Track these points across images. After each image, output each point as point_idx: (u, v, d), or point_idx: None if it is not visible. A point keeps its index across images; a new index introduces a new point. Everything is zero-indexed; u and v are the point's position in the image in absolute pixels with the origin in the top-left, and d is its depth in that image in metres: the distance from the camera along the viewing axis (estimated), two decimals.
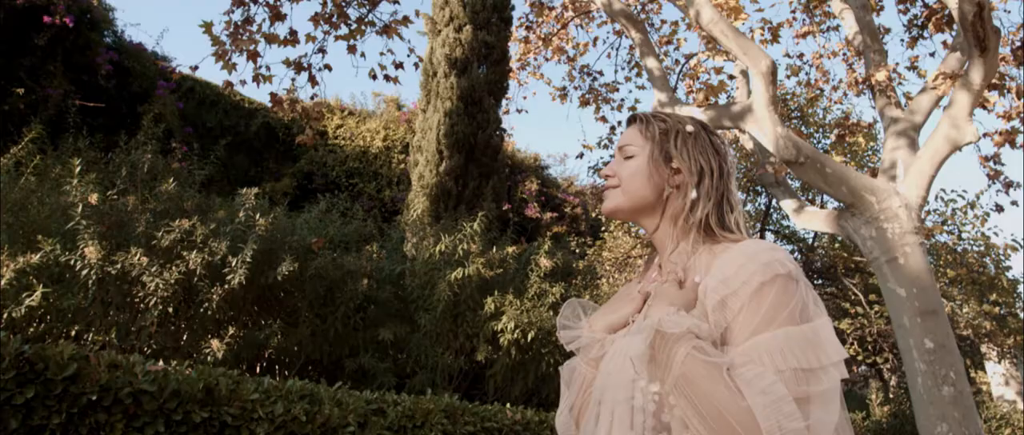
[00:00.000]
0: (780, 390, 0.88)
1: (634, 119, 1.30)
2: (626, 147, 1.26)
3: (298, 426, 2.97)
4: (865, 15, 6.74)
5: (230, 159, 9.88)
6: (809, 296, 0.99)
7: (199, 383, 2.73)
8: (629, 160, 1.24)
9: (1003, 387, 11.59)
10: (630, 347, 1.05)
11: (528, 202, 10.58)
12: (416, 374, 4.91)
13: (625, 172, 1.23)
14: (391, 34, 6.42)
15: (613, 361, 1.10)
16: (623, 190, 1.22)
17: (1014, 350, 9.76)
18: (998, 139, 7.41)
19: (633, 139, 1.25)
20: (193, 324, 4.23)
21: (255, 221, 4.32)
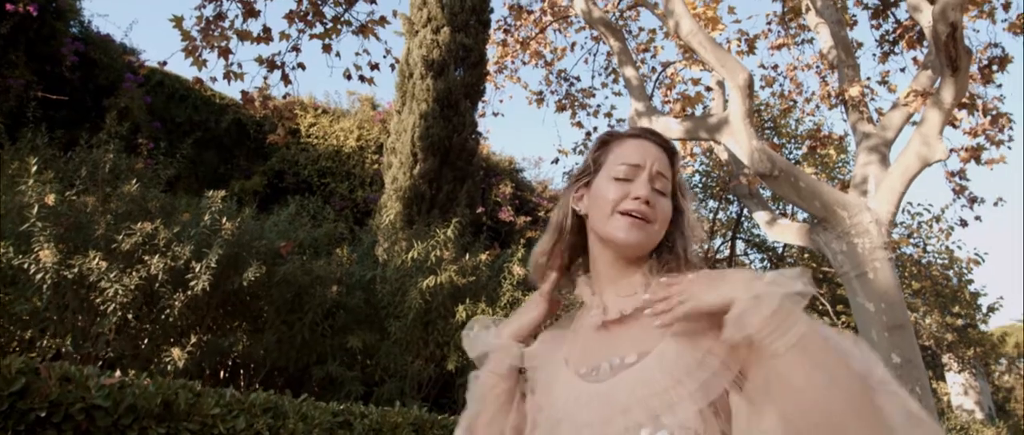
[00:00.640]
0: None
1: (673, 153, 1.18)
2: (660, 178, 1.13)
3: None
4: (840, 30, 6.83)
5: (199, 156, 9.65)
6: None
7: (157, 397, 2.62)
8: (662, 196, 1.12)
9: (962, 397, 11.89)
10: (624, 392, 0.95)
11: (502, 205, 10.54)
12: (385, 382, 4.82)
13: (662, 210, 1.11)
14: (367, 34, 6.31)
15: (589, 407, 0.98)
16: (657, 230, 1.11)
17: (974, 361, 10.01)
18: (964, 155, 7.56)
19: (667, 172, 1.14)
20: (153, 331, 4.09)
21: (221, 224, 4.19)
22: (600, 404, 0.97)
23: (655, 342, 1.00)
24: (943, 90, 4.98)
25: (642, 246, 1.09)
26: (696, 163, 10.41)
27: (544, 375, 1.11)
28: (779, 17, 8.90)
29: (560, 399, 1.03)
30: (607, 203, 1.10)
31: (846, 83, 6.31)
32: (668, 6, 5.45)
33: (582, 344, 1.10)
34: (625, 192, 1.09)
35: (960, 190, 7.90)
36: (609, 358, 1.02)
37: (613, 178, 1.11)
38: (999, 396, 15.31)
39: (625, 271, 1.12)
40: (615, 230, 1.08)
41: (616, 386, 0.97)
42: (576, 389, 1.02)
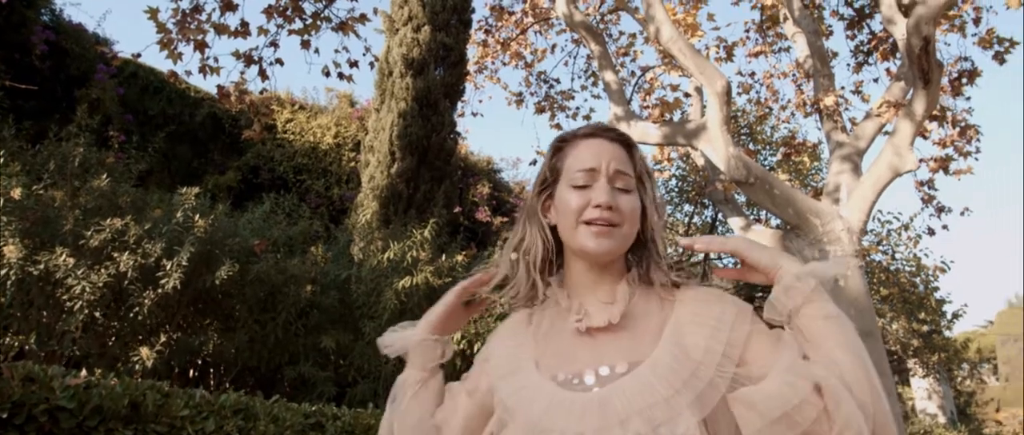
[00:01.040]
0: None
1: (629, 145, 1.13)
2: (621, 176, 1.08)
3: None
4: (816, 40, 6.93)
5: (172, 150, 9.49)
6: None
7: (124, 398, 2.57)
8: (625, 194, 1.08)
9: (926, 401, 12.19)
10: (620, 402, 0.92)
11: (479, 206, 10.53)
12: (358, 383, 4.79)
13: (627, 209, 1.07)
14: (347, 31, 6.25)
15: (580, 417, 0.94)
16: (626, 231, 1.06)
17: (938, 366, 10.26)
18: (933, 165, 7.73)
19: (627, 167, 1.10)
20: (121, 329, 4.01)
21: (194, 222, 4.13)
22: (593, 414, 0.93)
23: (646, 351, 0.99)
24: (915, 102, 5.08)
25: (613, 252, 1.06)
26: (673, 167, 10.50)
27: (507, 375, 1.06)
28: (757, 25, 9.01)
29: (537, 406, 0.97)
30: (570, 214, 1.06)
31: (821, 92, 6.41)
32: (649, 12, 5.49)
33: (556, 348, 1.05)
34: (586, 200, 1.05)
35: (929, 199, 8.08)
36: (594, 367, 0.99)
37: (572, 186, 1.08)
38: (961, 401, 15.74)
39: (602, 277, 1.09)
40: (583, 241, 1.05)
41: (610, 396, 0.94)
42: (557, 396, 0.97)
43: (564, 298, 1.09)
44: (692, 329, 1.01)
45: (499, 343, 1.14)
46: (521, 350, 1.08)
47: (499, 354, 1.11)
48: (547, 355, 1.05)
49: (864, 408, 0.88)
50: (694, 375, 0.94)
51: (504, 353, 1.10)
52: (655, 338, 1.01)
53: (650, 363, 0.96)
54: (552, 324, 1.09)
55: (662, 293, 1.08)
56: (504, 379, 1.05)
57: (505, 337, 1.14)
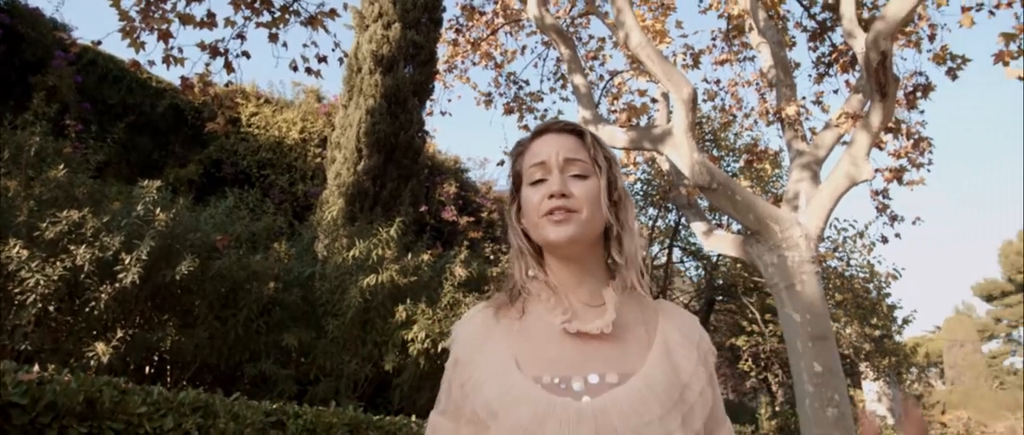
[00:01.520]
0: None
1: (579, 132, 1.12)
2: (573, 163, 1.07)
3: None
4: (780, 50, 7.10)
5: (132, 141, 9.25)
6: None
7: (79, 395, 2.52)
8: (581, 180, 1.06)
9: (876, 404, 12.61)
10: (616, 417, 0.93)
11: (446, 205, 10.51)
12: (320, 381, 4.75)
13: (584, 194, 1.05)
14: (316, 26, 6.19)
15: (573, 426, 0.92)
16: (587, 216, 1.04)
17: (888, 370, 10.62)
18: (888, 175, 7.99)
19: (580, 154, 1.08)
20: (76, 324, 3.91)
21: (155, 215, 4.04)
22: (587, 425, 0.92)
23: (635, 362, 0.99)
24: (872, 114, 5.25)
25: (578, 239, 1.04)
26: (638, 171, 10.64)
27: (490, 377, 1.01)
28: (723, 34, 9.19)
29: (525, 410, 0.94)
30: (532, 211, 1.07)
31: (783, 102, 6.57)
32: (619, 17, 5.56)
33: (538, 348, 1.02)
34: (542, 193, 1.05)
35: (883, 208, 8.34)
36: (583, 373, 0.98)
37: (529, 184, 1.09)
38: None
39: (582, 276, 1.08)
40: (546, 234, 1.04)
41: (606, 408, 0.93)
42: (546, 402, 0.95)
43: (547, 295, 1.08)
44: (680, 350, 1.03)
45: (470, 343, 1.08)
46: (499, 347, 1.04)
47: (474, 354, 1.06)
48: (528, 354, 1.02)
49: None
50: (682, 397, 0.97)
51: (480, 353, 1.05)
52: (643, 349, 1.02)
53: (644, 379, 0.97)
54: (533, 321, 1.06)
55: (642, 302, 1.08)
56: (488, 380, 1.00)
57: (475, 337, 1.08)
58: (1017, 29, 6.65)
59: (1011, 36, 6.63)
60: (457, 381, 1.06)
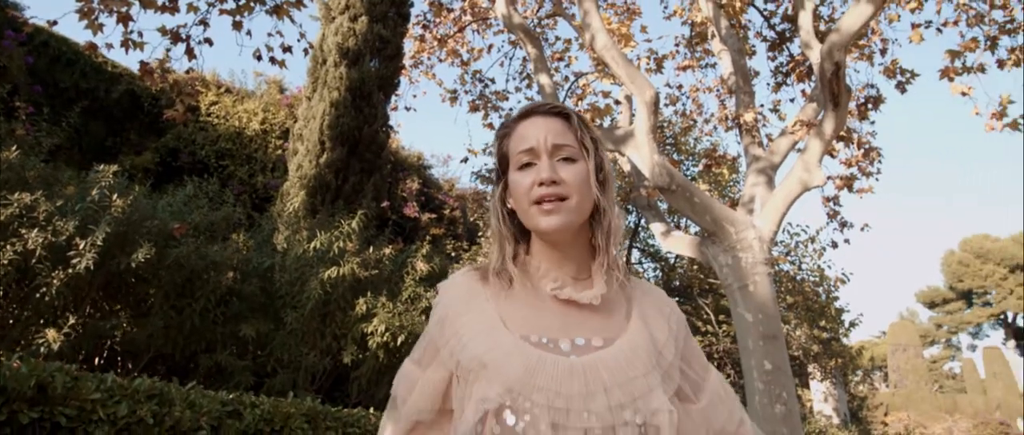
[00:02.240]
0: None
1: (565, 115, 1.12)
2: (561, 148, 1.08)
3: (144, 429, 2.76)
4: (740, 58, 7.29)
5: (85, 126, 8.99)
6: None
7: (30, 380, 2.47)
8: (570, 164, 1.08)
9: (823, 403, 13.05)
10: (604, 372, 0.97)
11: (408, 201, 10.47)
12: (277, 373, 4.71)
13: (574, 179, 1.06)
14: (282, 16, 6.11)
15: (565, 380, 0.96)
16: (576, 202, 1.06)
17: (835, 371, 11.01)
18: (839, 183, 8.27)
19: (566, 139, 1.09)
20: (25, 310, 3.81)
21: (111, 201, 3.96)
22: (578, 379, 0.96)
23: (616, 331, 1.05)
24: (825, 122, 5.45)
25: (566, 227, 1.05)
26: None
27: (479, 333, 1.03)
28: (686, 40, 9.38)
29: (517, 362, 0.97)
30: (521, 196, 1.08)
31: (742, 108, 6.76)
32: (586, 19, 5.65)
33: (524, 312, 1.06)
34: (532, 179, 1.06)
35: (833, 215, 8.63)
36: (570, 336, 1.02)
37: (517, 169, 1.10)
38: (854, 404, 16.89)
39: (567, 253, 1.10)
40: (536, 221, 1.06)
41: (595, 364, 0.97)
42: (537, 356, 0.98)
43: (536, 264, 1.10)
44: (654, 322, 1.10)
45: (456, 302, 1.09)
46: (486, 308, 1.06)
47: (460, 312, 1.07)
48: (515, 316, 1.05)
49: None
50: (659, 361, 1.03)
51: (467, 311, 1.07)
52: (623, 320, 1.07)
53: (627, 342, 1.02)
54: (520, 288, 1.09)
55: (619, 280, 1.13)
56: (476, 336, 1.02)
57: (461, 296, 1.10)
58: (962, 47, 6.98)
59: (956, 53, 6.95)
60: (442, 338, 1.07)
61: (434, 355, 1.08)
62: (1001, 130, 6.55)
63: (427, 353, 1.09)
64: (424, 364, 1.09)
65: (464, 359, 1.01)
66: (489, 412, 0.95)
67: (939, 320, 38.12)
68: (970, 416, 21.01)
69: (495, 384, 0.96)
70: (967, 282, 35.44)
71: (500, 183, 1.15)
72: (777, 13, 8.62)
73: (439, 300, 1.13)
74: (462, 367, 1.01)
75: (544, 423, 0.92)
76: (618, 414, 0.94)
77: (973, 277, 35.18)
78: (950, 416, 20.70)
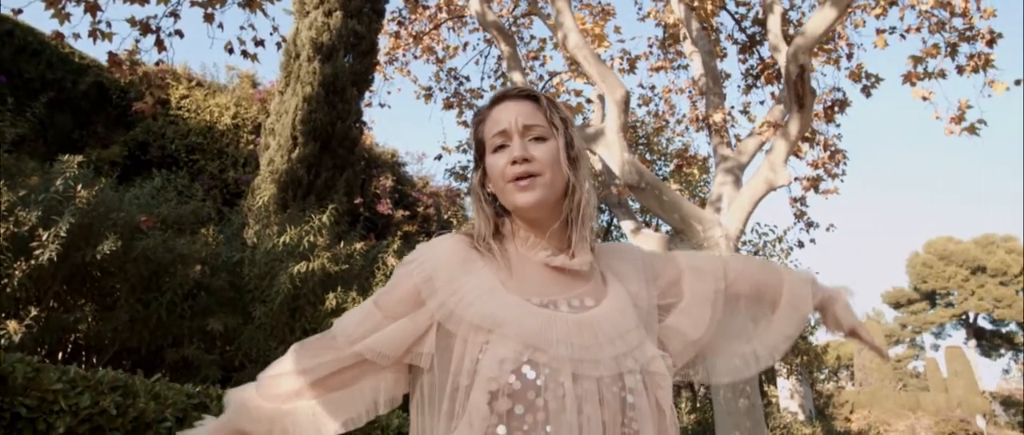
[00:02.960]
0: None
1: (534, 97, 1.18)
2: (533, 127, 1.14)
3: (107, 420, 2.74)
4: (710, 60, 7.41)
5: (50, 118, 8.81)
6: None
7: None
8: (541, 142, 1.13)
9: (789, 400, 13.30)
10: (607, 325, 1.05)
11: (381, 198, 10.44)
12: (245, 368, 4.68)
13: (545, 157, 1.12)
14: (254, 8, 6.07)
15: (575, 333, 1.02)
16: (549, 178, 1.11)
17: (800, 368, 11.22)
18: (806, 184, 8.46)
19: (536, 119, 1.14)
20: None
21: (75, 192, 3.91)
22: (587, 332, 1.03)
23: (602, 295, 1.13)
24: (790, 124, 5.58)
25: (543, 202, 1.11)
26: None
27: (483, 293, 1.06)
28: (660, 42, 9.51)
29: (530, 320, 1.02)
30: (498, 177, 1.13)
31: (711, 109, 6.88)
32: (558, 18, 5.71)
33: (522, 277, 1.11)
34: (506, 160, 1.12)
35: (800, 215, 8.82)
36: (566, 298, 1.09)
37: (493, 151, 1.15)
38: (820, 401, 17.24)
39: (547, 223, 1.15)
40: (513, 199, 1.12)
41: (597, 319, 1.05)
42: (546, 314, 1.04)
43: (525, 234, 1.16)
44: (627, 277, 1.19)
45: (449, 263, 1.11)
46: (484, 272, 1.10)
47: (455, 273, 1.09)
48: (509, 282, 1.09)
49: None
50: (639, 313, 1.13)
51: (463, 273, 1.09)
52: (602, 284, 1.16)
53: (612, 301, 1.11)
54: (512, 255, 1.15)
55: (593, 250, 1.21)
56: (481, 296, 1.05)
57: (454, 258, 1.12)
58: (924, 53, 7.18)
59: (919, 59, 7.15)
60: (430, 290, 1.08)
61: (414, 306, 1.08)
62: (959, 134, 6.76)
63: (402, 303, 1.09)
64: (393, 313, 1.09)
65: (471, 316, 1.03)
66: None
67: (904, 320, 39.04)
68: (932, 413, 21.55)
69: (511, 341, 0.99)
70: (931, 283, 36.35)
71: (479, 168, 1.21)
72: (748, 17, 8.79)
73: (420, 257, 1.13)
74: (466, 324, 1.03)
75: (564, 375, 0.97)
76: (623, 362, 1.02)
77: (936, 278, 36.09)
78: (913, 414, 21.20)
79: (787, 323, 1.31)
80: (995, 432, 23.39)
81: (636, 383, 1.02)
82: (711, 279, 1.26)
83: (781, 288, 1.32)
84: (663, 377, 1.05)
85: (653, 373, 1.04)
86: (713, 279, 1.26)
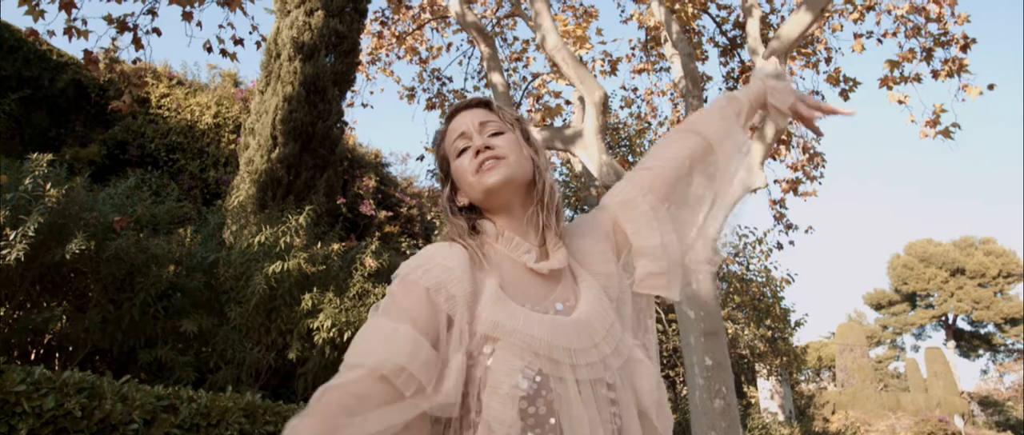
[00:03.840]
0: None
1: (485, 103, 1.24)
2: (488, 124, 1.20)
3: (71, 422, 2.71)
4: (690, 62, 7.46)
5: (26, 115, 8.72)
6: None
7: None
8: (499, 135, 1.19)
9: (769, 400, 13.42)
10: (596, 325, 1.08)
11: (364, 198, 10.41)
12: (220, 369, 4.66)
13: (506, 144, 1.17)
14: (234, 7, 6.03)
15: (572, 335, 1.04)
16: (514, 160, 1.16)
17: (780, 369, 11.33)
18: (785, 186, 8.54)
19: (490, 117, 1.21)
20: None
21: (45, 190, 3.87)
22: (582, 334, 1.05)
23: (578, 291, 1.15)
24: (766, 126, 5.62)
25: (511, 179, 1.15)
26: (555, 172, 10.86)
27: (491, 301, 1.05)
28: (642, 44, 9.55)
29: (536, 326, 1.03)
30: (466, 173, 1.17)
31: (691, 111, 6.92)
32: (537, 20, 5.72)
33: (513, 280, 1.12)
34: (470, 154, 1.17)
35: (780, 217, 8.90)
36: (553, 301, 1.12)
37: (457, 156, 1.20)
38: (801, 402, 17.39)
39: (520, 213, 1.18)
40: (483, 182, 1.14)
41: (588, 319, 1.08)
42: (547, 319, 1.05)
43: (508, 235, 1.18)
44: (591, 257, 1.20)
45: (463, 275, 1.08)
46: (487, 282, 1.10)
47: (466, 281, 1.06)
48: (507, 284, 1.11)
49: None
50: (609, 300, 1.15)
51: (474, 281, 1.08)
52: (572, 279, 1.17)
53: (589, 299, 1.12)
54: (500, 260, 1.16)
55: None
56: (485, 307, 1.05)
57: (466, 269, 1.09)
58: (900, 57, 7.27)
59: (895, 63, 7.24)
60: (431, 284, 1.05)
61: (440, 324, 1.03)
62: (934, 137, 6.85)
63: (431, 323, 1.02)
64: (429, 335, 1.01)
65: (482, 327, 1.03)
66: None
67: (885, 321, 39.46)
68: (912, 414, 21.79)
69: (521, 350, 1.01)
70: (911, 285, 36.76)
71: (447, 184, 1.25)
72: (729, 20, 8.85)
73: (433, 265, 1.08)
74: (478, 336, 1.03)
75: (569, 379, 1.01)
76: (613, 360, 1.07)
77: (917, 280, 36.51)
78: (893, 414, 21.43)
79: (732, 159, 1.31)
80: (973, 432, 23.72)
81: (619, 377, 1.06)
82: (639, 198, 1.25)
83: (708, 138, 1.31)
84: (642, 364, 1.10)
85: (634, 362, 1.09)
86: (640, 197, 1.25)
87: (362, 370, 0.94)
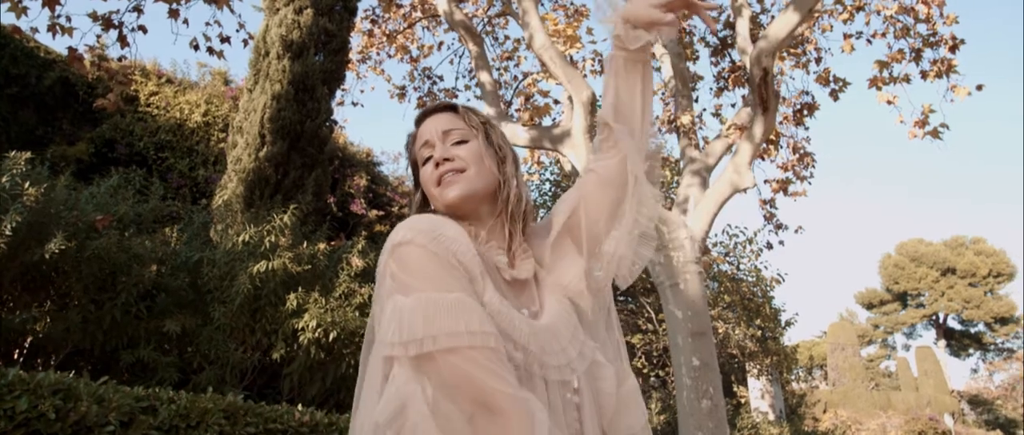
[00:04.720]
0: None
1: (451, 107, 1.25)
2: (452, 131, 1.20)
3: (45, 424, 2.67)
4: (679, 62, 7.45)
5: (13, 113, 8.65)
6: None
7: None
8: (462, 144, 1.19)
9: (759, 400, 13.46)
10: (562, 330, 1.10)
11: (355, 197, 10.37)
12: (204, 370, 4.62)
13: (467, 154, 1.17)
14: (221, 5, 5.98)
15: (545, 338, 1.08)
16: (474, 172, 1.15)
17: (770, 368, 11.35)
18: (775, 186, 8.54)
19: (455, 124, 1.21)
20: None
21: (23, 188, 3.82)
22: (554, 337, 1.09)
23: (540, 301, 1.17)
24: (755, 126, 5.62)
25: (470, 194, 1.15)
26: (545, 172, 10.85)
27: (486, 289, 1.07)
28: None
29: (520, 327, 1.06)
30: (429, 182, 1.18)
31: (680, 111, 6.92)
32: (525, 19, 5.70)
33: (494, 282, 1.12)
34: (432, 166, 1.18)
35: (770, 217, 8.90)
36: (526, 305, 1.15)
37: (422, 164, 1.21)
38: (792, 401, 17.43)
39: (486, 221, 1.19)
40: (443, 197, 1.16)
41: (556, 324, 1.10)
42: (528, 322, 1.08)
43: (486, 236, 1.18)
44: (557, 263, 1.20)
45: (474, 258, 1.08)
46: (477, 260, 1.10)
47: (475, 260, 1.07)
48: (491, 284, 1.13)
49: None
50: (569, 301, 1.16)
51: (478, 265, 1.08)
52: (533, 283, 1.19)
53: (553, 304, 1.14)
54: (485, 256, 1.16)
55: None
56: (484, 292, 1.07)
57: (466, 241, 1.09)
58: (889, 58, 7.28)
59: (884, 64, 7.25)
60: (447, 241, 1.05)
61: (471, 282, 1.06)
62: (923, 138, 6.86)
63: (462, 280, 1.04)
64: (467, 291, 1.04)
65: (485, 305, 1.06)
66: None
67: (876, 321, 39.65)
68: (903, 412, 21.89)
69: (506, 333, 1.04)
70: (902, 284, 36.95)
71: (418, 188, 1.27)
72: (719, 20, 8.84)
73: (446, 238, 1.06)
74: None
75: (539, 375, 1.05)
76: (578, 364, 1.10)
77: (908, 279, 36.69)
78: (884, 412, 21.53)
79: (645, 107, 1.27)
80: (963, 430, 23.85)
81: (583, 380, 1.10)
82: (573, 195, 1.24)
83: (623, 111, 1.25)
84: (601, 367, 1.13)
85: (595, 365, 1.12)
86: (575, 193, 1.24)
87: (475, 350, 0.96)
